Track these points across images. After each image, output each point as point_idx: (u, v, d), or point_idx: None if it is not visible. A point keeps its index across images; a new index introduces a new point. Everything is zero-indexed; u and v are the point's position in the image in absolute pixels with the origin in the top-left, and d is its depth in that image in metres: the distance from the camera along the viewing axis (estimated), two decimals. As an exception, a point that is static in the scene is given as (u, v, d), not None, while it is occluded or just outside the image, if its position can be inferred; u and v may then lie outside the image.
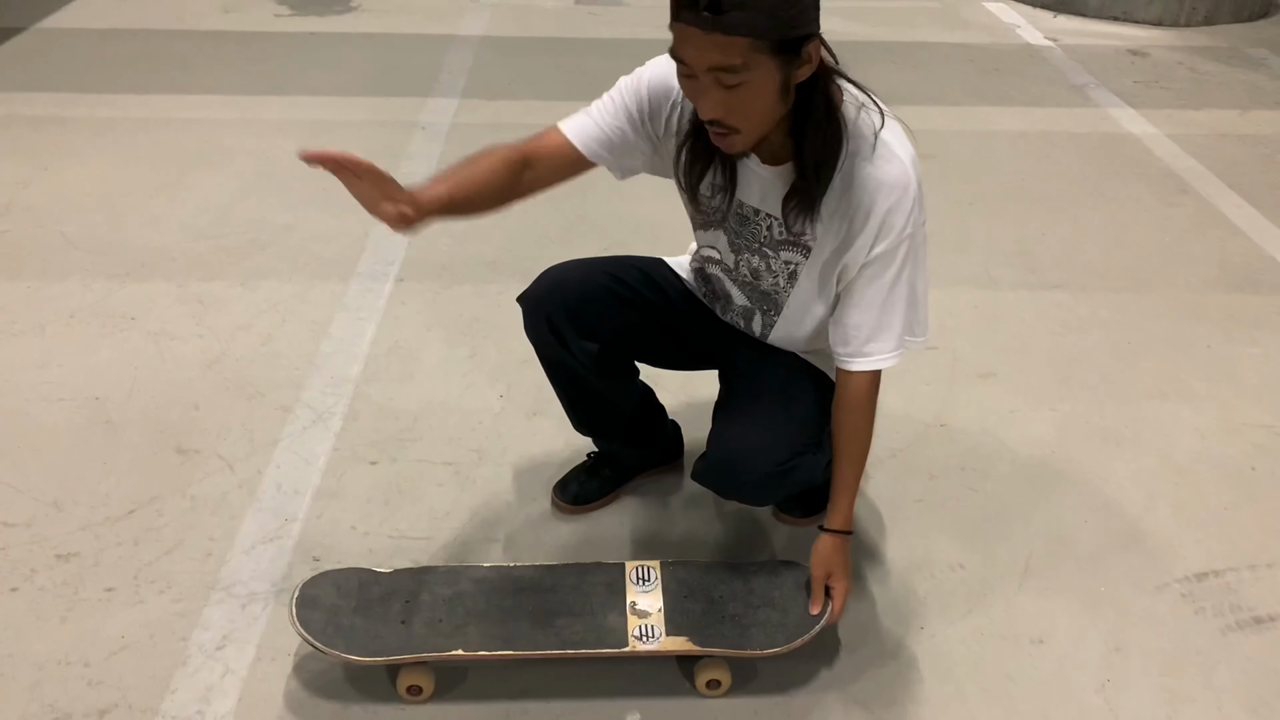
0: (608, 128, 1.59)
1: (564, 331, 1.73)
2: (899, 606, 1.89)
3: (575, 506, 2.08)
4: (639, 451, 2.12)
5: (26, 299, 2.71)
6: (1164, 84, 4.65)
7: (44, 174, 3.40)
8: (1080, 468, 2.26)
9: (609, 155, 1.61)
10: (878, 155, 1.47)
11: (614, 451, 2.09)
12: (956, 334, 2.70)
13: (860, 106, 1.48)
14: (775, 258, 1.63)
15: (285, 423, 2.30)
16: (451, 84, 4.32)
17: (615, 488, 2.12)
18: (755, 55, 1.29)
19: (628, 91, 1.58)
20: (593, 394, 1.89)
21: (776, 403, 1.71)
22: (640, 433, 2.07)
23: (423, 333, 2.65)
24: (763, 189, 1.56)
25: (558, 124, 1.62)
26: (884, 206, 1.48)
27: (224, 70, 4.38)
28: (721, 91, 1.34)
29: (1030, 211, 3.40)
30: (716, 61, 1.30)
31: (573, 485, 2.10)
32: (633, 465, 2.13)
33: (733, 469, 1.69)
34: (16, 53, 4.51)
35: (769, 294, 1.70)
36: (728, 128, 1.39)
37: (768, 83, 1.34)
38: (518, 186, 1.57)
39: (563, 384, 1.90)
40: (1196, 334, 2.76)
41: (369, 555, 1.95)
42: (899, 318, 1.57)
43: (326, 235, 3.09)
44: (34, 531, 1.98)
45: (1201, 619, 1.89)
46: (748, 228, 1.62)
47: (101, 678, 1.70)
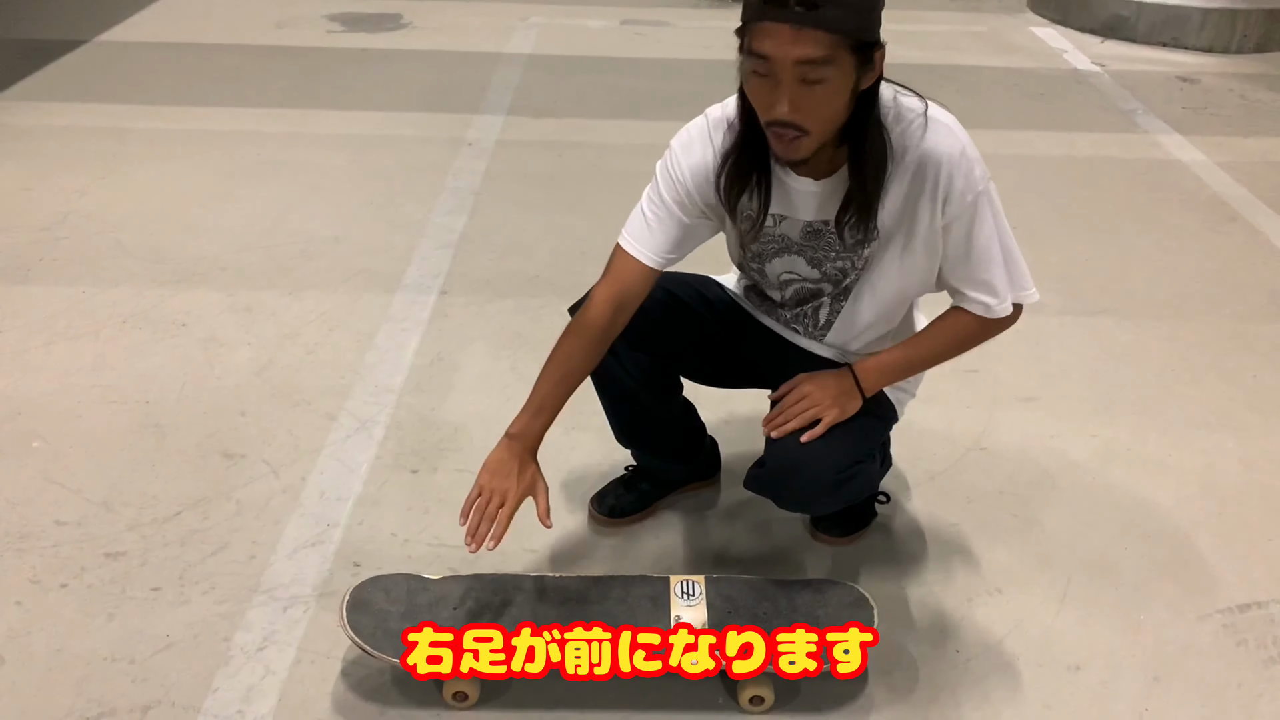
0: (670, 230, 1.66)
1: (615, 343, 1.75)
2: (935, 630, 1.88)
3: (612, 519, 2.09)
4: (678, 466, 2.13)
5: (82, 304, 2.78)
6: (1213, 110, 4.61)
7: (101, 183, 3.48)
8: (1122, 495, 2.24)
9: (681, 252, 1.69)
10: (929, 130, 1.50)
11: (654, 465, 2.11)
12: (998, 358, 2.68)
13: (895, 92, 1.52)
14: (856, 255, 1.64)
15: (329, 430, 2.33)
16: (498, 101, 4.38)
17: (652, 502, 2.13)
18: (840, 52, 1.34)
19: (671, 186, 1.64)
20: (638, 406, 1.91)
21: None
22: (681, 447, 2.08)
23: (465, 345, 2.68)
24: (819, 204, 1.59)
25: (620, 244, 1.68)
26: (943, 175, 1.51)
27: (276, 85, 4.47)
28: (800, 89, 1.36)
29: (1075, 237, 3.38)
30: (805, 54, 1.33)
31: (610, 498, 2.11)
32: (672, 480, 2.14)
33: (792, 477, 1.70)
34: (77, 65, 4.64)
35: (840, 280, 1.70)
36: (798, 129, 1.41)
37: (844, 83, 1.38)
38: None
39: (609, 395, 1.91)
40: (1244, 363, 2.72)
41: (408, 562, 1.97)
42: (996, 272, 1.61)
43: (373, 248, 3.14)
44: (84, 530, 2.03)
45: (1244, 650, 1.86)
46: (822, 240, 1.64)
47: (146, 675, 1.73)
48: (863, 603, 1.78)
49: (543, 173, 3.72)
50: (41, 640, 1.79)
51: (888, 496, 2.12)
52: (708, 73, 3.19)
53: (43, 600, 1.87)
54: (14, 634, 1.80)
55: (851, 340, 1.78)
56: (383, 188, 3.55)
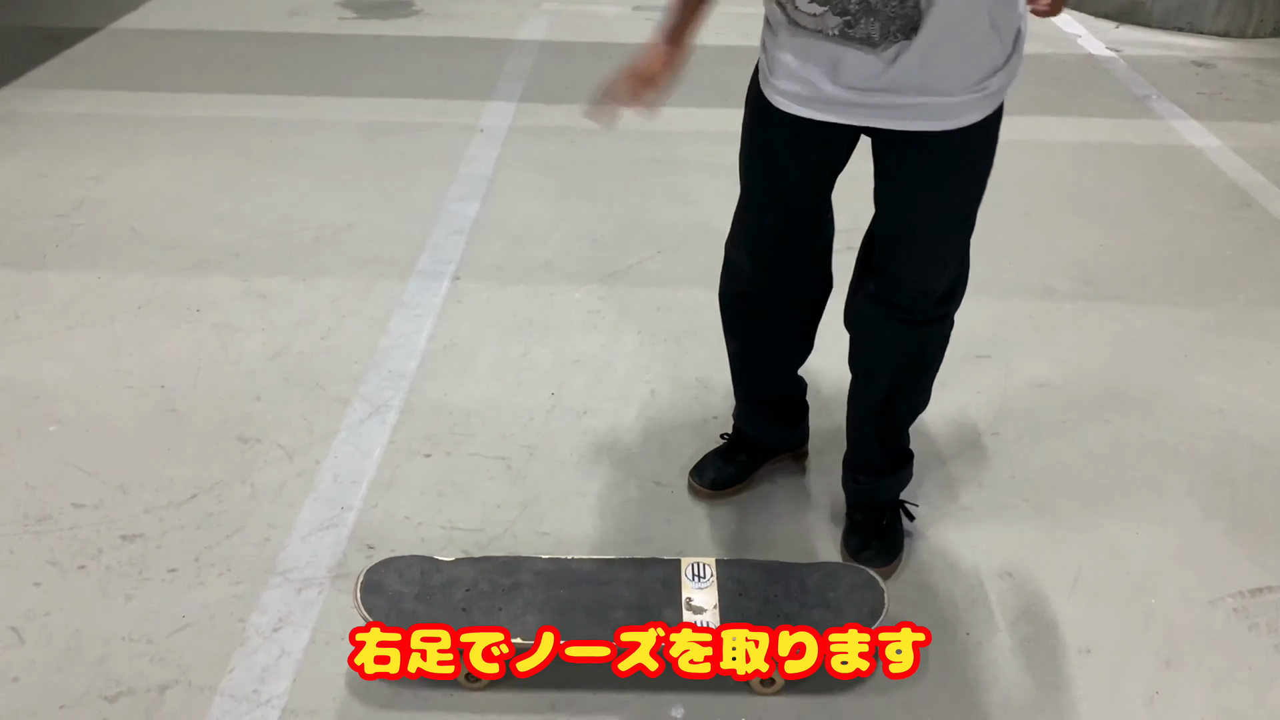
0: None
1: (793, 261, 1.77)
2: (944, 612, 1.89)
3: (714, 491, 2.12)
4: (780, 430, 2.15)
5: (98, 290, 2.80)
6: (1229, 96, 4.58)
7: (116, 170, 3.50)
8: (1134, 480, 2.24)
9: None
10: None
11: (758, 431, 2.13)
12: (1011, 343, 2.68)
13: None
14: None
15: (343, 415, 2.35)
16: (511, 88, 4.38)
17: (750, 473, 2.15)
18: None
19: None
20: (780, 340, 1.95)
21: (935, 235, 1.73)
22: (791, 404, 2.12)
23: (478, 331, 2.69)
24: None
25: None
26: None
27: (289, 72, 4.48)
28: None
29: (1089, 223, 3.37)
30: None
31: (710, 470, 2.14)
32: (773, 444, 2.16)
33: (902, 284, 1.74)
34: (90, 52, 4.65)
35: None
36: None
37: None
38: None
39: (761, 324, 1.94)
40: (1257, 349, 2.71)
41: (421, 545, 1.99)
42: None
43: (386, 235, 3.15)
44: (101, 513, 2.05)
45: (1255, 634, 1.86)
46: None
47: (163, 655, 1.75)
48: (873, 585, 1.79)
49: (555, 159, 3.72)
50: (60, 620, 1.81)
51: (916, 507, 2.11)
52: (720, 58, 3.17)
53: (61, 581, 1.89)
54: (33, 614, 1.82)
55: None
56: (395, 174, 3.56)
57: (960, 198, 1.70)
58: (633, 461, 2.24)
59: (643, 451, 2.28)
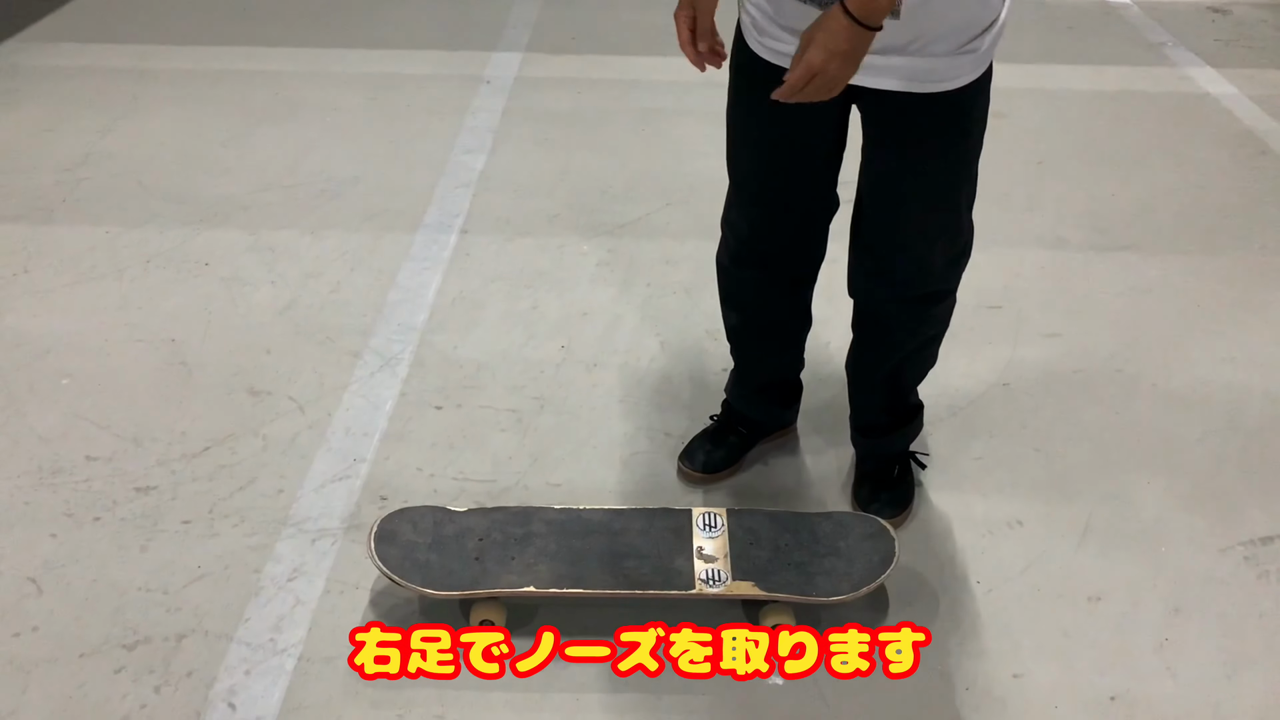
0: None
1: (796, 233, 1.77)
2: (955, 561, 1.90)
3: (705, 474, 2.06)
4: (773, 409, 2.11)
5: (106, 244, 2.79)
6: (1246, 43, 4.50)
7: (121, 123, 3.48)
8: (1145, 430, 2.23)
9: None
10: None
11: (754, 409, 2.08)
12: (1022, 294, 2.67)
13: None
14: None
15: (354, 368, 2.35)
16: (516, 38, 4.33)
17: (741, 455, 2.09)
18: None
19: None
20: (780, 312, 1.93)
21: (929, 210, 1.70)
22: (790, 383, 2.09)
23: (486, 284, 2.68)
24: None
25: None
26: None
27: (292, 24, 4.43)
28: None
29: (1102, 172, 3.33)
30: None
31: (699, 454, 2.07)
32: (763, 423, 2.11)
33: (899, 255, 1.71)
34: (93, 5, 4.60)
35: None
36: None
37: None
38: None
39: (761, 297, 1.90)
40: (1271, 298, 2.70)
41: (434, 496, 1.99)
42: None
43: (393, 187, 3.13)
44: (115, 466, 2.06)
45: (1265, 582, 1.87)
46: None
47: (179, 604, 1.77)
48: (884, 534, 1.79)
49: (562, 110, 3.69)
50: (77, 571, 1.83)
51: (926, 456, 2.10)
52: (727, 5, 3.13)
53: (77, 533, 1.90)
54: (50, 565, 1.84)
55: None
56: (401, 127, 3.53)
57: (954, 165, 1.65)
58: (642, 413, 2.25)
59: (653, 403, 2.28)
